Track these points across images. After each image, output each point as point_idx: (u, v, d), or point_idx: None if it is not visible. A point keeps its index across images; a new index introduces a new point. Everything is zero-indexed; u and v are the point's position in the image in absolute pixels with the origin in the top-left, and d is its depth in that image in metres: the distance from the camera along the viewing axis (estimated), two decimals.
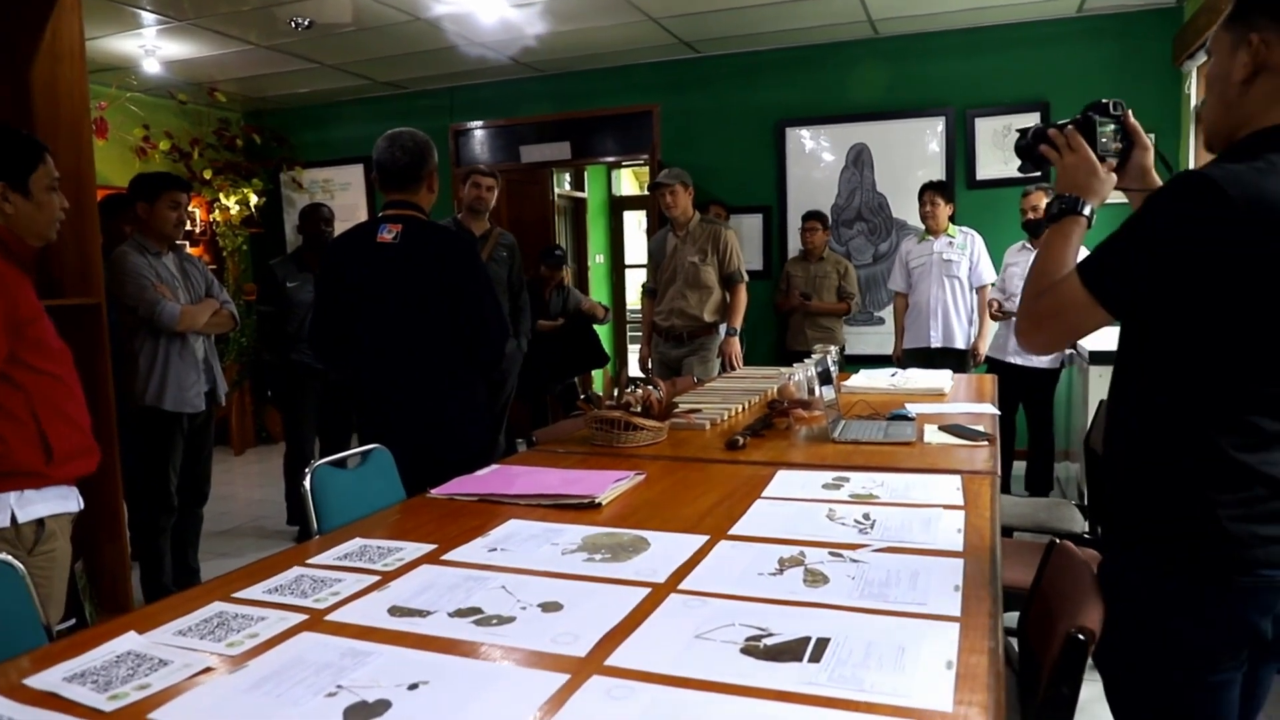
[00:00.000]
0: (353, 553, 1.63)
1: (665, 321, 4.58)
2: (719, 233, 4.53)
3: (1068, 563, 1.47)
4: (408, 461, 2.48)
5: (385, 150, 2.62)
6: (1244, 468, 1.26)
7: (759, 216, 6.34)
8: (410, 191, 2.63)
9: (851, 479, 2.03)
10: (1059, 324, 1.38)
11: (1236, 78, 1.31)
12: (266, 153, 7.56)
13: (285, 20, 5.27)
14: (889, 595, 1.31)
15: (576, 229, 9.38)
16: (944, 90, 5.91)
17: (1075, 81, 5.61)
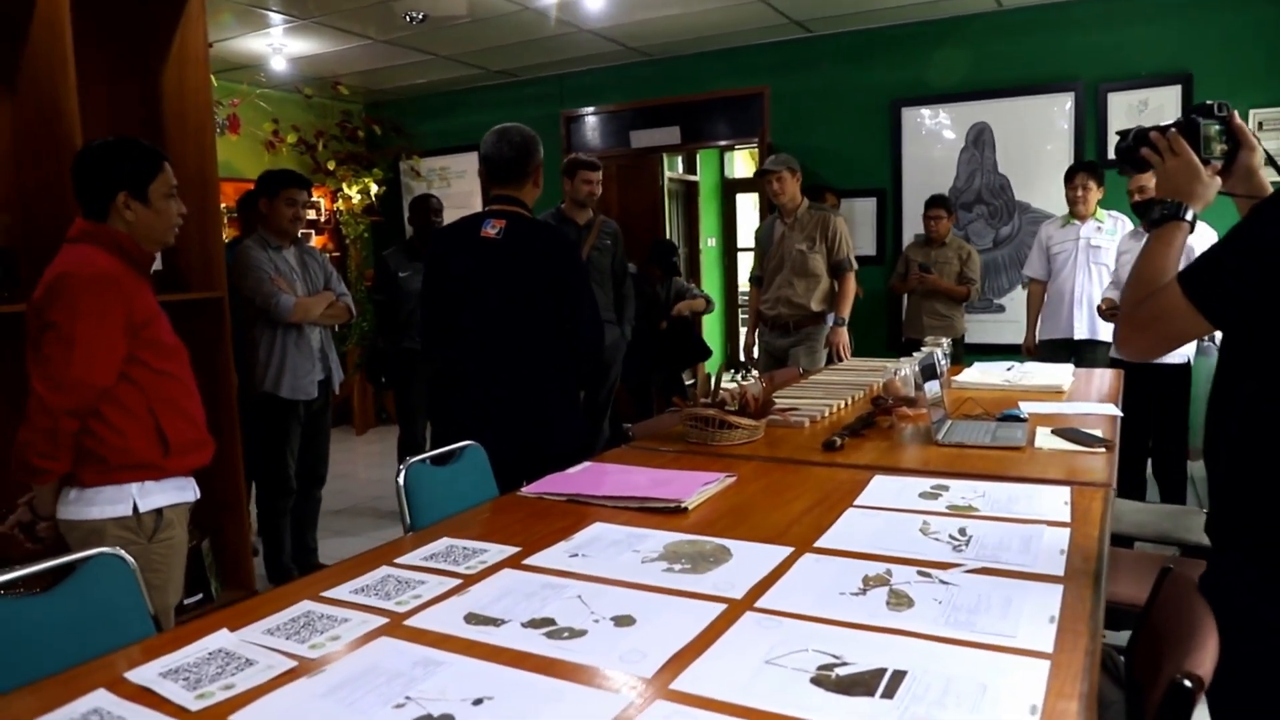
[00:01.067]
0: (439, 553, 1.67)
1: (771, 310, 4.50)
2: (828, 220, 4.41)
3: (1179, 594, 1.36)
4: (507, 453, 2.53)
5: (493, 145, 2.63)
6: None
7: (873, 200, 6.15)
8: (515, 187, 2.63)
9: (951, 488, 1.94)
10: (1159, 331, 1.40)
11: None
12: (386, 143, 7.82)
13: (401, 15, 5.40)
14: (976, 624, 1.25)
15: (688, 212, 9.34)
16: (1073, 64, 5.57)
17: (1221, 51, 5.19)
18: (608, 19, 5.62)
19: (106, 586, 1.52)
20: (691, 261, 9.33)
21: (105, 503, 1.97)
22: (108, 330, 1.94)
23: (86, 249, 1.98)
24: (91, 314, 1.92)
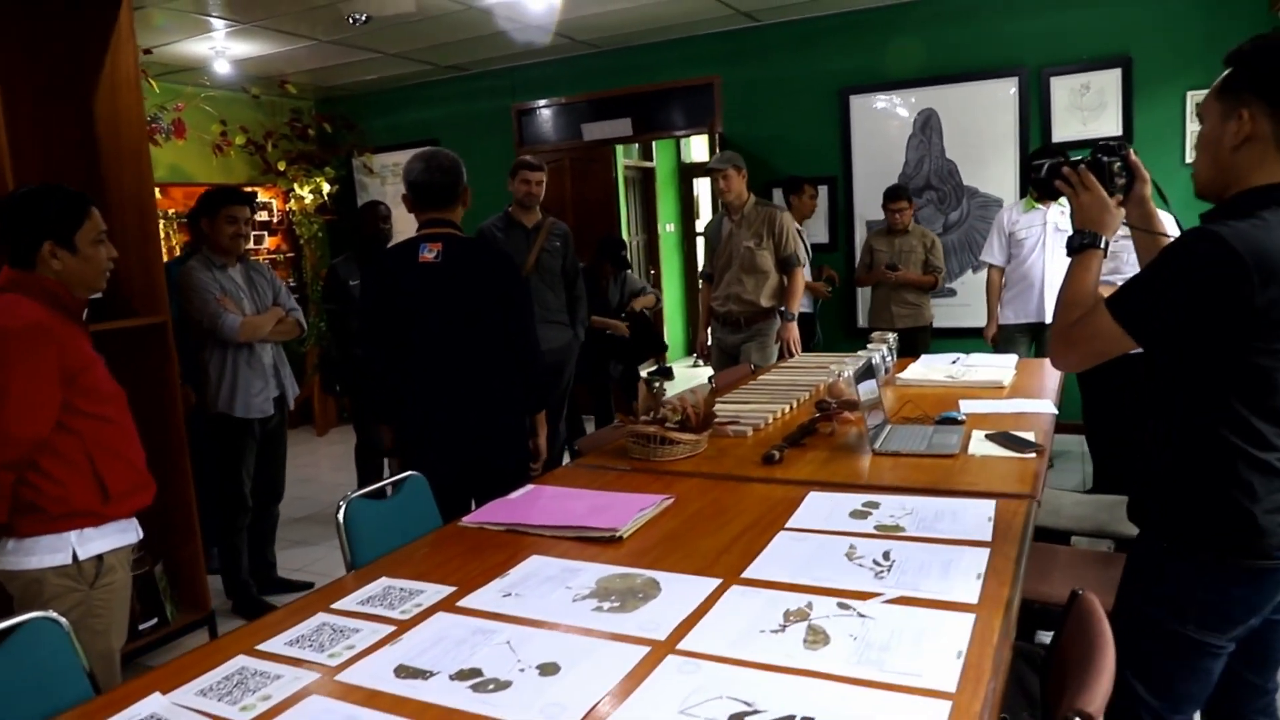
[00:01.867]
0: (375, 595, 1.69)
1: (722, 307, 4.54)
2: (774, 216, 4.44)
3: (1083, 618, 1.42)
4: (453, 470, 2.57)
5: (422, 171, 2.63)
6: (1269, 468, 1.49)
7: (824, 187, 6.18)
8: (447, 210, 2.66)
9: (881, 505, 1.99)
10: (1090, 348, 1.60)
11: (1228, 144, 1.53)
12: (338, 140, 7.73)
13: (344, 16, 5.34)
14: (886, 662, 1.29)
15: (646, 199, 9.34)
16: (1017, 49, 5.63)
17: (1160, 33, 5.27)
18: (550, 16, 5.59)
19: (41, 649, 1.53)
20: (650, 248, 9.35)
21: (44, 552, 1.97)
22: (41, 381, 1.93)
23: (15, 299, 1.96)
24: (24, 366, 1.91)
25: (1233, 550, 1.52)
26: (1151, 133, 5.34)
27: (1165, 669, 1.62)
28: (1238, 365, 1.48)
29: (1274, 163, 1.50)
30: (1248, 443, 1.49)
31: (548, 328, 4.26)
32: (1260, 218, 1.45)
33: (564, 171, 7.09)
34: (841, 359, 3.60)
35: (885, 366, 3.48)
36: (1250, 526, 1.49)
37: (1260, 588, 1.53)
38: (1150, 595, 1.62)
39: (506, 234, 4.23)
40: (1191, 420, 1.54)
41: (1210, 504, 1.53)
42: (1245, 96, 1.50)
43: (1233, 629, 1.56)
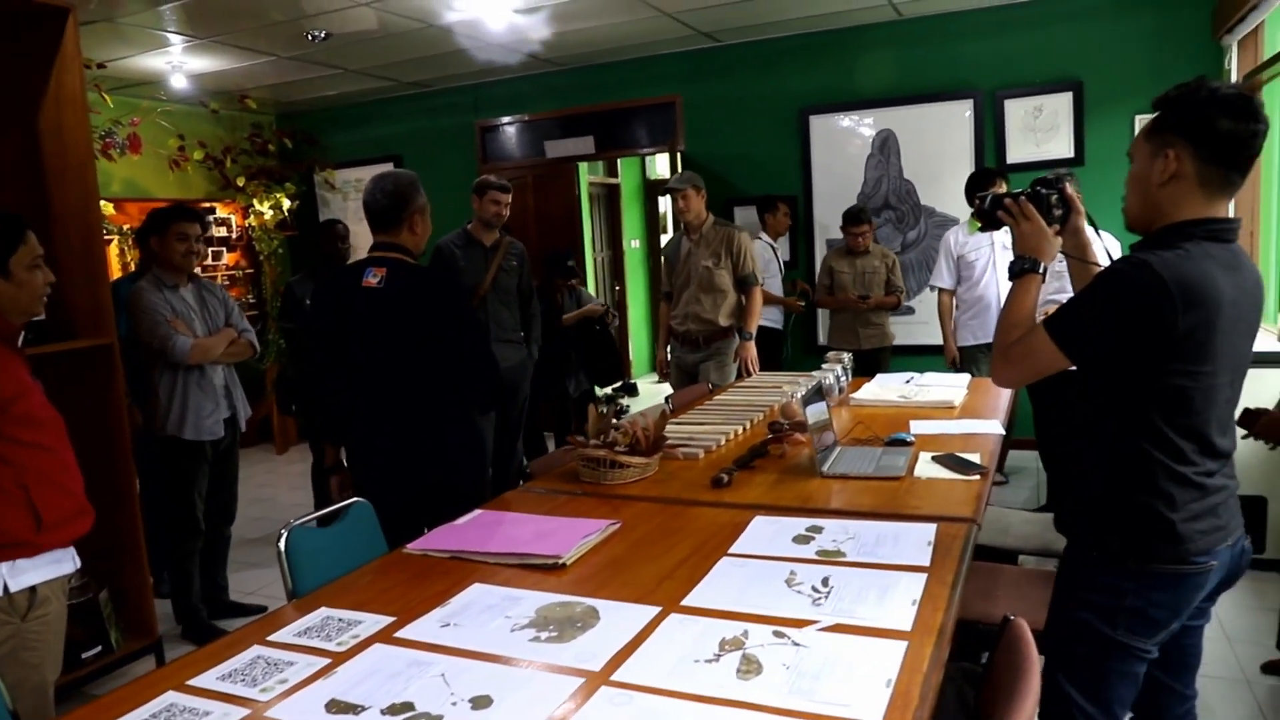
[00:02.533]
0: (313, 627, 1.67)
1: (681, 326, 4.56)
2: (732, 235, 4.47)
3: (1013, 645, 1.44)
4: (401, 494, 2.55)
5: (369, 192, 2.64)
6: (1186, 480, 1.61)
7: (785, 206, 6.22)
8: (393, 233, 2.64)
9: (825, 529, 2.00)
10: (1028, 366, 1.72)
11: (1155, 181, 1.63)
12: (299, 155, 7.68)
13: (303, 34, 5.31)
14: (816, 692, 1.30)
15: (611, 215, 9.37)
16: (972, 72, 5.73)
17: (1110, 59, 5.39)
18: (512, 35, 5.60)
19: None
20: (616, 264, 9.36)
21: None
22: None
23: None
24: None
25: (1155, 557, 1.63)
26: (1101, 154, 5.45)
27: (1097, 673, 1.70)
28: (1159, 385, 1.59)
29: (1196, 200, 1.61)
30: (1168, 457, 1.61)
31: (503, 346, 4.26)
32: (1183, 249, 1.57)
33: (527, 188, 7.09)
34: (796, 379, 3.62)
35: (839, 386, 3.51)
36: (1170, 534, 1.61)
37: (1180, 592, 1.64)
38: (1082, 602, 1.71)
39: (465, 251, 4.22)
40: (1118, 437, 1.65)
41: (1135, 514, 1.63)
42: (1171, 138, 1.60)
43: (1158, 633, 1.66)
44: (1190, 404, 1.60)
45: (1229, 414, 1.70)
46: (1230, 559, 1.69)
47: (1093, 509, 1.71)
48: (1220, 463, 1.67)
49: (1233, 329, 1.60)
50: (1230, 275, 1.59)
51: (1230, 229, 1.64)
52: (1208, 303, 1.54)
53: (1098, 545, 1.69)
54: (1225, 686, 2.89)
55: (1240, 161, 1.59)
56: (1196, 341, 1.55)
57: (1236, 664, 3.00)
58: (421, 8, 5.02)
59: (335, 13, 5.00)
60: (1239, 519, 1.72)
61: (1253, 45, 4.76)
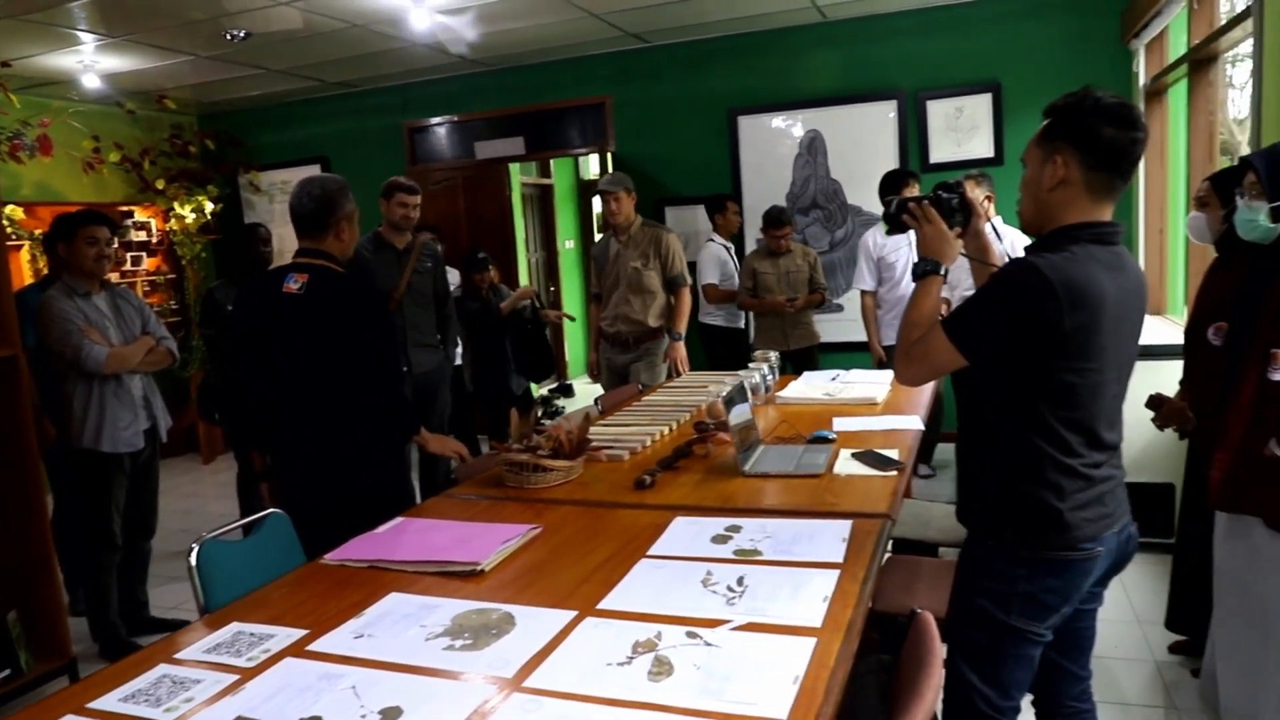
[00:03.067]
0: (224, 643, 1.64)
1: (611, 327, 4.57)
2: (660, 236, 4.50)
3: (919, 640, 1.48)
4: (320, 499, 2.52)
5: (294, 196, 2.60)
6: (1073, 472, 1.67)
7: None
8: (318, 239, 2.60)
9: (743, 528, 2.03)
10: (928, 364, 1.77)
11: (1045, 186, 1.70)
12: (223, 157, 7.49)
13: (222, 33, 5.19)
14: (725, 692, 1.32)
15: (544, 216, 9.33)
16: (895, 74, 5.85)
17: (1026, 61, 5.55)
18: (438, 35, 5.55)
19: None
20: (550, 265, 9.33)
21: None
22: None
23: None
24: None
25: (1045, 545, 1.69)
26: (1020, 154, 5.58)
27: (993, 657, 1.77)
28: (1048, 381, 1.65)
29: (1082, 204, 1.68)
30: (1056, 450, 1.67)
31: (420, 351, 4.22)
32: (1070, 251, 1.64)
33: (457, 190, 7.03)
34: (724, 379, 3.66)
35: (766, 385, 3.55)
36: (1059, 522, 1.67)
37: (1070, 577, 1.71)
38: (979, 589, 1.77)
39: (376, 255, 4.16)
40: (1010, 432, 1.71)
41: (1026, 505, 1.70)
42: (1059, 145, 1.66)
43: (1049, 617, 1.73)
44: (1077, 399, 1.66)
45: (1116, 408, 1.76)
46: (1117, 545, 1.77)
47: (988, 501, 1.77)
48: (1107, 454, 1.74)
49: (1116, 327, 1.66)
50: (1113, 276, 1.65)
51: (1113, 232, 1.71)
52: (1091, 302, 1.60)
53: (993, 535, 1.75)
54: (1135, 667, 3.00)
55: (1123, 168, 1.66)
56: (1082, 339, 1.61)
57: (1145, 645, 3.12)
58: (346, 7, 4.94)
59: (256, 11, 4.90)
60: (1125, 507, 1.79)
61: (1158, 49, 4.95)
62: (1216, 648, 2.42)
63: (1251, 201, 2.14)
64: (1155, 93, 5.00)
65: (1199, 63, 4.20)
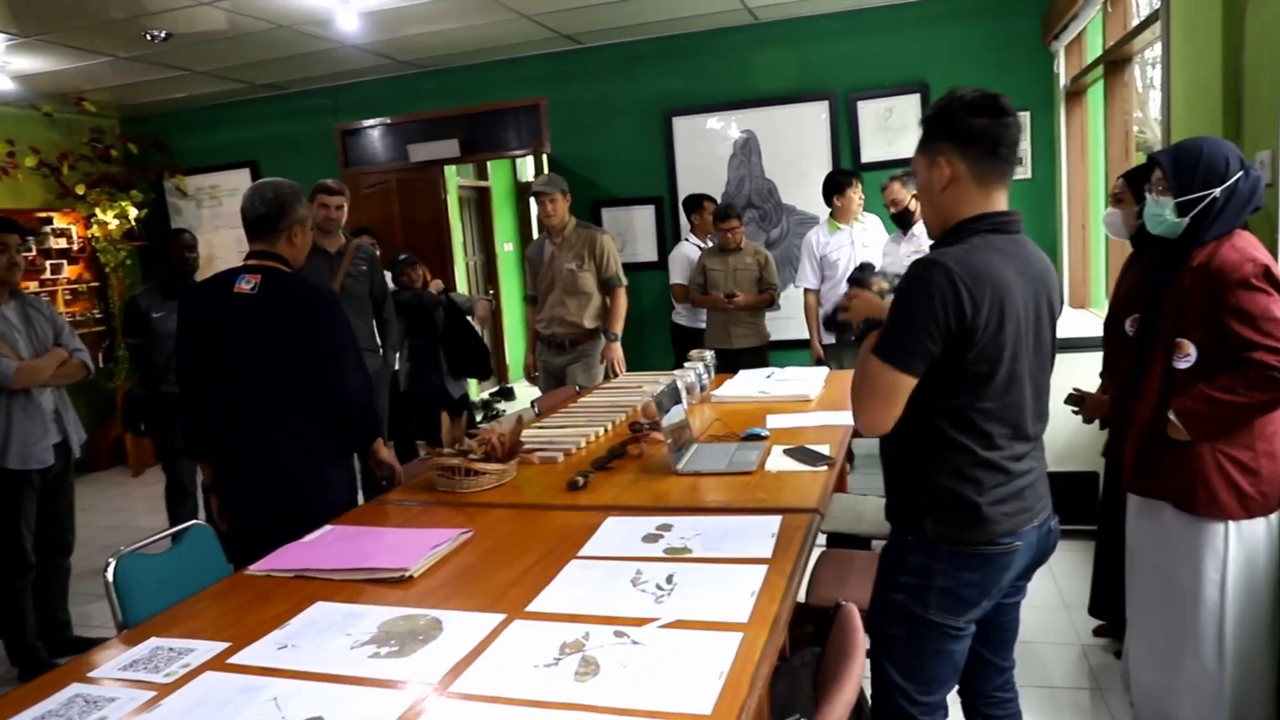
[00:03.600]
0: (141, 659, 1.60)
1: (547, 330, 4.55)
2: (595, 238, 4.49)
3: (842, 632, 1.50)
4: (271, 509, 2.44)
5: (246, 199, 2.54)
6: (992, 465, 1.69)
7: (651, 207, 6.32)
8: (269, 242, 2.53)
9: (674, 527, 2.04)
10: (877, 399, 1.68)
11: (937, 188, 1.73)
12: (147, 161, 7.29)
13: (141, 33, 5.05)
14: (650, 690, 1.33)
15: (482, 219, 9.26)
16: (826, 75, 5.93)
17: (952, 63, 5.66)
18: (368, 36, 5.48)
19: None
20: (489, 268, 9.27)
21: None
22: None
23: None
24: None
25: (963, 539, 1.70)
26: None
27: (912, 652, 1.78)
28: (964, 374, 1.65)
29: (974, 196, 1.71)
30: (974, 442, 1.68)
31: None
32: (969, 243, 1.68)
33: (391, 193, 6.94)
34: (659, 378, 3.67)
35: (701, 385, 3.57)
36: (976, 515, 1.68)
37: (988, 572, 1.71)
38: (897, 584, 1.78)
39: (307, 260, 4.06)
40: (928, 426, 1.70)
41: (944, 498, 1.70)
42: (939, 146, 1.71)
43: (968, 611, 1.73)
44: (993, 390, 1.66)
45: (1039, 399, 1.77)
46: (1037, 540, 1.77)
47: (907, 495, 1.78)
48: (1028, 446, 1.75)
49: (1024, 315, 1.68)
50: (1015, 263, 1.68)
51: (1010, 221, 1.73)
52: (996, 291, 1.61)
53: (912, 529, 1.76)
54: (1061, 651, 3.08)
55: (1002, 153, 1.68)
56: (990, 329, 1.62)
57: (1072, 629, 3.21)
58: (271, 8, 4.84)
59: (179, 11, 4.77)
60: (1046, 501, 1.81)
61: (1077, 51, 5.10)
62: (1129, 627, 2.50)
63: (1159, 197, 2.21)
64: (1075, 93, 5.15)
65: (1114, 64, 4.33)
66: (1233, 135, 2.62)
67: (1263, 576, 2.16)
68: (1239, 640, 2.16)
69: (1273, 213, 2.39)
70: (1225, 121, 2.66)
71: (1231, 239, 2.11)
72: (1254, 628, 2.18)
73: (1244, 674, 2.18)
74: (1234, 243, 2.10)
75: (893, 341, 1.65)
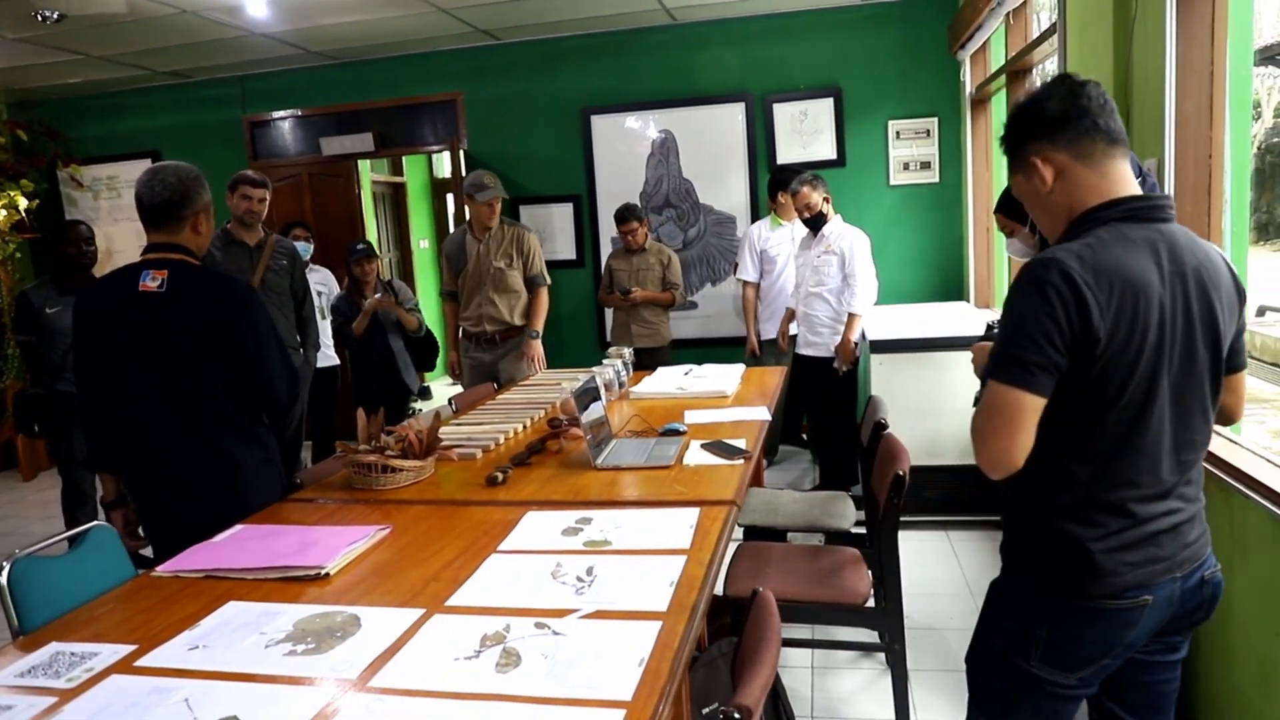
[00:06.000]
0: (40, 664, 1.53)
1: (475, 327, 4.54)
2: (522, 235, 4.50)
3: (759, 618, 1.54)
4: (196, 516, 2.26)
5: (144, 184, 2.36)
6: (1115, 507, 1.45)
7: (570, 205, 6.32)
8: (172, 232, 2.39)
9: (594, 520, 2.05)
10: (999, 430, 1.43)
11: (1044, 192, 1.52)
12: (37, 149, 6.95)
13: (31, 13, 4.81)
14: (571, 678, 1.34)
15: (397, 215, 9.11)
16: (743, 77, 6.02)
17: (864, 68, 5.82)
18: (279, 23, 5.34)
19: None
20: (405, 265, 9.12)
21: None
22: None
23: None
24: None
25: (1076, 589, 1.47)
26: (860, 156, 5.88)
27: (1008, 707, 1.61)
28: (1085, 394, 1.42)
29: (1089, 180, 1.47)
30: (1095, 478, 1.45)
31: None
32: (1095, 235, 1.43)
33: (302, 187, 6.78)
34: (577, 375, 3.68)
35: (620, 381, 3.59)
36: (1089, 564, 1.45)
37: (1106, 628, 1.48)
38: (998, 627, 1.61)
39: (225, 253, 3.95)
40: (1046, 455, 1.45)
41: (1055, 541, 1.49)
42: (1026, 149, 1.51)
43: (1080, 668, 1.52)
44: (1121, 415, 1.42)
45: (1183, 426, 1.48)
46: (1180, 594, 1.49)
47: (1019, 531, 1.58)
48: (1165, 484, 1.47)
49: (1170, 322, 1.42)
50: (1159, 259, 1.42)
51: (1152, 206, 1.46)
52: (1129, 293, 1.38)
53: (1021, 569, 1.57)
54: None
55: (1100, 121, 1.46)
56: (1120, 340, 1.38)
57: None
58: None
59: None
60: (1198, 548, 1.52)
61: (982, 60, 5.30)
62: None
63: None
64: (980, 100, 5.35)
65: (1016, 73, 4.52)
66: None
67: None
68: None
69: None
70: None
71: None
72: None
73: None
74: None
75: (1006, 356, 1.42)
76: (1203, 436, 1.51)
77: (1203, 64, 2.43)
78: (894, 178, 5.88)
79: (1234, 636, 2.22)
